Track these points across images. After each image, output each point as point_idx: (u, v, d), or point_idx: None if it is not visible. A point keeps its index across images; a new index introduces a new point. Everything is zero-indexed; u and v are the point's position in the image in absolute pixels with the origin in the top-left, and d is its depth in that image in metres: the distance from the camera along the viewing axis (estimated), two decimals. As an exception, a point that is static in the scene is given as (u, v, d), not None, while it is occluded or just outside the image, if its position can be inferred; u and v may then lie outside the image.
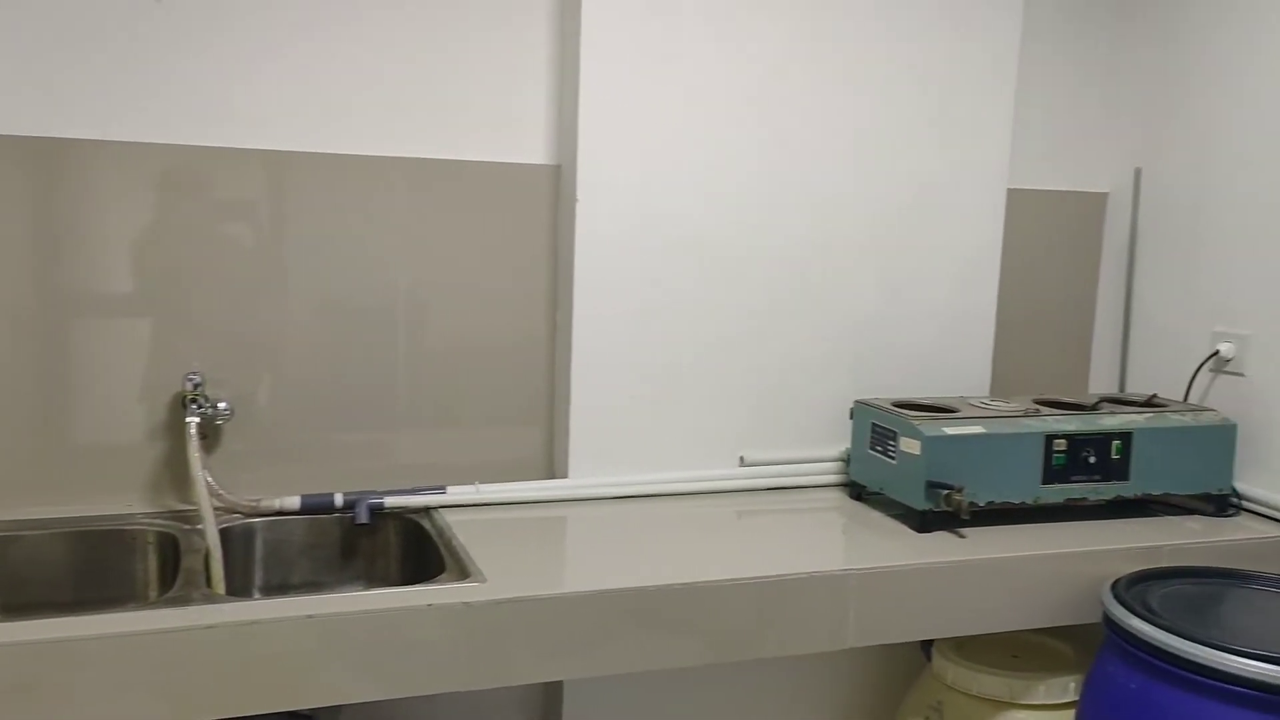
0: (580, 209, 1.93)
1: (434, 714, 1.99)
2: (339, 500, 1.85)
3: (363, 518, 1.82)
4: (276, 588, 1.84)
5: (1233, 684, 1.47)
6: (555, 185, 2.00)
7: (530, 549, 1.74)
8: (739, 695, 2.16)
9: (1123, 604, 1.65)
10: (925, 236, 2.18)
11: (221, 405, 1.83)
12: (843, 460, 2.13)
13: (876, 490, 2.00)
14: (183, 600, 1.44)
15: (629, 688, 2.08)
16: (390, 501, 1.85)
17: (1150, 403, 2.10)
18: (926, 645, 2.08)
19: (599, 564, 1.68)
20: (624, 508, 1.96)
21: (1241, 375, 2.09)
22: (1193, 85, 2.20)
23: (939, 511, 1.85)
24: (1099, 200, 2.37)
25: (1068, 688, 1.85)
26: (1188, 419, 2.02)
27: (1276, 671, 1.44)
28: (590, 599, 1.54)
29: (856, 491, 2.07)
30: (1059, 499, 1.94)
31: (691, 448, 2.07)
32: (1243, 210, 2.09)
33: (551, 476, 2.04)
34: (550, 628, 1.52)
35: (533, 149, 1.98)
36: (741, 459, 2.10)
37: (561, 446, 2.02)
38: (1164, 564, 1.83)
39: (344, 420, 1.93)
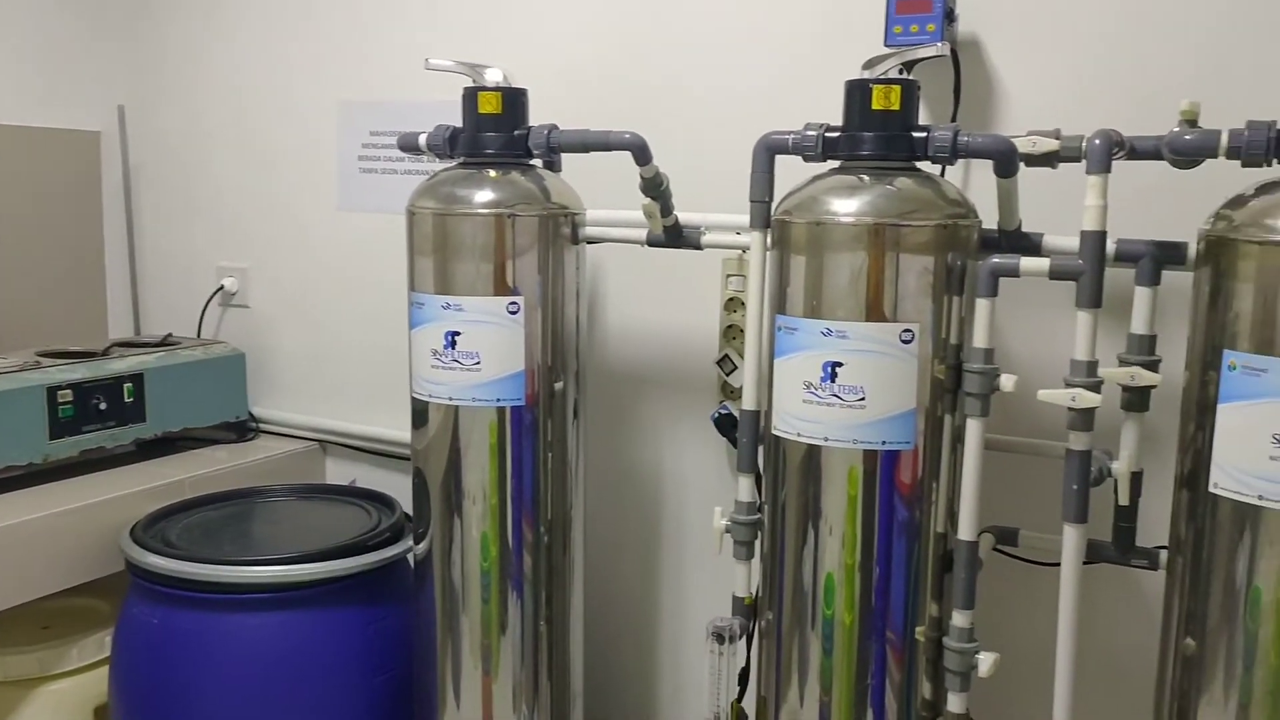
0: None
1: None
2: None
3: None
4: None
5: (247, 593, 1.57)
6: None
7: None
8: None
9: (140, 544, 1.63)
10: None
11: None
12: None
13: None
14: None
15: None
16: None
17: (164, 342, 2.10)
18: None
19: None
20: None
21: (247, 307, 2.22)
22: (175, 31, 2.22)
23: (-77, 491, 1.61)
24: (92, 139, 2.26)
25: (103, 643, 1.78)
26: (199, 354, 2.07)
27: (279, 570, 1.57)
28: None
29: None
30: (73, 452, 1.84)
31: None
32: (234, 149, 2.19)
33: None
34: None
35: None
36: None
37: None
38: (188, 496, 1.86)
39: None
